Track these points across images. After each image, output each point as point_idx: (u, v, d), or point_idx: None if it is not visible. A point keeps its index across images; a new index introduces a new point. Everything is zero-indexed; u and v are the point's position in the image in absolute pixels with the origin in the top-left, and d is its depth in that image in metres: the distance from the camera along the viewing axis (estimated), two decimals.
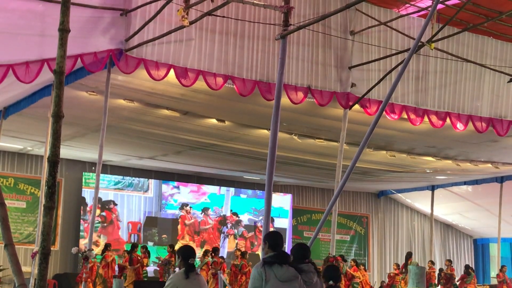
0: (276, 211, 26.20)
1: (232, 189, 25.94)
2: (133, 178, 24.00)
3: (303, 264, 6.49)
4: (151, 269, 21.95)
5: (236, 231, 25.54)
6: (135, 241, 22.95)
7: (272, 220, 25.86)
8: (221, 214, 25.43)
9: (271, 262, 5.98)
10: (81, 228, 22.47)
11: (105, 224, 23.00)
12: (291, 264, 6.13)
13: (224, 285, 15.11)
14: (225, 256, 23.83)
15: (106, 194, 23.12)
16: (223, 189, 25.72)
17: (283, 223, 26.51)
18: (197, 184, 25.24)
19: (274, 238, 6.26)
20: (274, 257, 6.02)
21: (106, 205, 23.09)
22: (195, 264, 6.73)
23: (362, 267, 21.76)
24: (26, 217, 22.05)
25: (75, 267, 22.16)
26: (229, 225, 25.55)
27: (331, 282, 6.46)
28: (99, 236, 22.67)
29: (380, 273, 27.96)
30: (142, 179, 24.12)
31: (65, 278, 20.82)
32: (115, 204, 23.41)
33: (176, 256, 6.97)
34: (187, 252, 6.78)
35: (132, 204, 23.86)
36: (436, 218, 27.97)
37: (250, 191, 26.29)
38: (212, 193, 25.36)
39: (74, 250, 18.20)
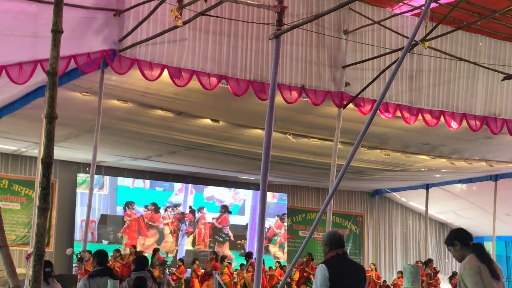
0: (235, 209, 26.08)
1: (190, 186, 25.52)
2: (87, 175, 23.33)
3: (141, 271, 8.29)
4: None
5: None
6: (90, 240, 22.65)
7: (229, 213, 25.69)
8: (180, 212, 25.05)
9: (93, 275, 7.44)
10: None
11: None
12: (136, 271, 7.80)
13: (219, 286, 15.12)
14: (183, 255, 23.65)
15: None
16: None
17: (240, 220, 26.35)
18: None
19: (101, 256, 7.71)
20: (98, 271, 7.46)
21: None
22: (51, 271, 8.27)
23: None
24: (21, 219, 22.03)
25: (69, 269, 22.12)
26: (187, 223, 25.15)
27: None
28: None
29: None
30: (96, 176, 23.51)
31: (59, 279, 20.75)
32: None
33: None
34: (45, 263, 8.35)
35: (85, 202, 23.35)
36: (430, 216, 28.01)
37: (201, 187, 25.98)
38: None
39: (68, 251, 18.12)
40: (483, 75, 15.44)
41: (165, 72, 12.23)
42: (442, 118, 15.02)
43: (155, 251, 21.07)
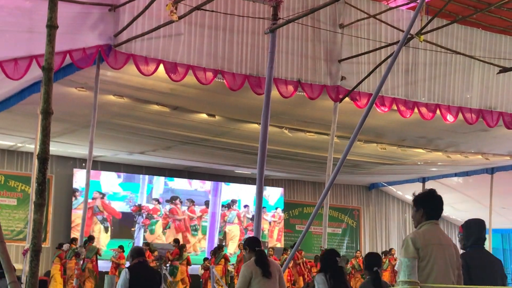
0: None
1: (147, 177, 24.80)
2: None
3: None
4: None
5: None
6: None
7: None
8: (136, 204, 24.31)
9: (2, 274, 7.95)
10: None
11: None
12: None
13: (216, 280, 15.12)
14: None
15: None
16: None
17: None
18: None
19: None
20: (1, 273, 8.10)
21: None
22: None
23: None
24: (17, 214, 22.00)
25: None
26: (144, 215, 24.32)
27: None
28: None
29: None
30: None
31: None
32: None
33: None
34: None
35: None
36: None
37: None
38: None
39: (65, 246, 18.13)
40: (478, 68, 15.46)
41: (161, 67, 12.23)
42: (438, 112, 15.04)
43: (182, 247, 20.76)
